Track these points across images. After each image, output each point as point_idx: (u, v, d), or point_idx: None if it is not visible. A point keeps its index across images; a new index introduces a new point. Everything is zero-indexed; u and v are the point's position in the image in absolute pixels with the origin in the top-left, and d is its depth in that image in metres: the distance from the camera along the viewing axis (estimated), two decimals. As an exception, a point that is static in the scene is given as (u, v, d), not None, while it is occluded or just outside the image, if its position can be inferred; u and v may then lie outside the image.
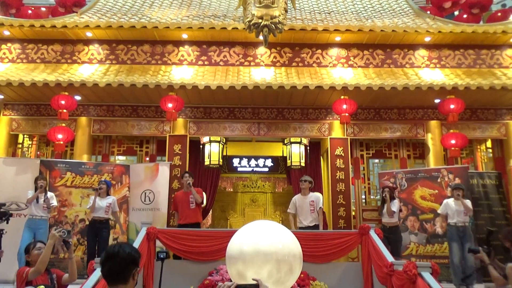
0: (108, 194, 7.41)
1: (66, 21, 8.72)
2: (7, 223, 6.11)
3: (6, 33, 8.82)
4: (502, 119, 9.06)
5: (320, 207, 7.44)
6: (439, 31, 8.74)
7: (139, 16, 9.29)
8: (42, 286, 3.69)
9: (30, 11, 11.35)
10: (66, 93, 7.95)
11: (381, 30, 8.69)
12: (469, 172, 8.45)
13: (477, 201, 8.20)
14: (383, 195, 7.48)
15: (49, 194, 7.19)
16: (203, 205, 8.01)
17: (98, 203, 7.19)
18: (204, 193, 8.17)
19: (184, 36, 8.96)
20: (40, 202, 7.01)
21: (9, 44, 9.05)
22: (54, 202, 7.26)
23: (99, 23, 8.64)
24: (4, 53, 9.00)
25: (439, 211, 7.40)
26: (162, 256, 5.55)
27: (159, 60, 9.06)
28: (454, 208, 7.05)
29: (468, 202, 7.08)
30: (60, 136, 8.06)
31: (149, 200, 8.30)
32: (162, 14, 9.49)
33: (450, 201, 7.16)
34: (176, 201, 7.71)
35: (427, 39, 8.98)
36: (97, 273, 4.59)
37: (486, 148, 9.68)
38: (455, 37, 8.93)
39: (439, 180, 8.21)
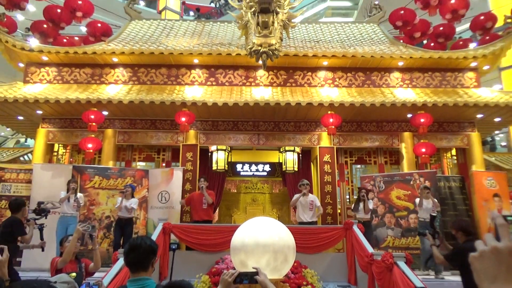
0: (132, 197, 7.37)
1: (95, 48, 8.74)
2: (46, 218, 6.10)
3: (45, 58, 8.83)
4: (464, 131, 9.04)
5: (318, 206, 7.45)
6: (411, 57, 8.76)
7: (157, 44, 9.32)
8: (74, 274, 3.65)
9: (65, 40, 11.36)
10: (95, 109, 7.95)
11: (362, 56, 8.70)
12: (437, 176, 8.42)
13: (444, 200, 8.16)
14: (361, 195, 7.48)
15: (79, 195, 7.16)
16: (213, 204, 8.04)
17: (123, 204, 7.18)
18: (214, 194, 8.18)
19: (195, 61, 8.96)
20: (71, 201, 6.98)
21: (47, 68, 9.06)
22: (82, 201, 7.25)
23: (124, 50, 8.66)
24: (43, 75, 9.00)
25: (417, 207, 7.30)
26: (174, 247, 5.49)
27: (174, 81, 9.05)
28: (424, 206, 7.04)
29: (435, 200, 7.10)
30: (90, 145, 8.04)
31: (165, 200, 8.26)
32: (176, 42, 9.52)
33: (423, 200, 7.15)
34: (191, 199, 7.72)
35: (401, 63, 8.99)
36: (120, 262, 4.56)
37: (451, 155, 9.64)
38: (424, 62, 8.94)
39: (411, 182, 8.17)
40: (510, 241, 0.80)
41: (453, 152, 9.54)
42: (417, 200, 7.25)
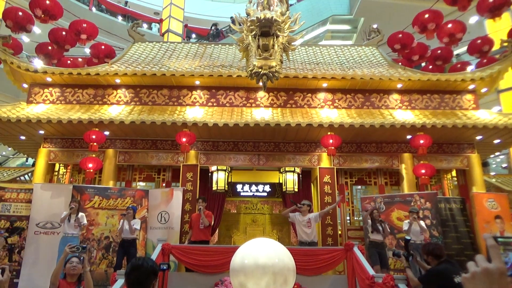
0: (134, 218, 7.34)
1: (98, 69, 8.87)
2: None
3: (49, 79, 8.95)
4: (464, 152, 9.06)
5: (317, 221, 7.46)
6: (409, 79, 8.86)
7: (159, 65, 9.45)
8: None
9: (69, 61, 11.57)
10: (97, 129, 8.00)
11: (361, 78, 8.81)
12: (438, 197, 8.40)
13: (445, 222, 8.11)
14: (375, 215, 7.41)
15: (80, 214, 7.12)
16: (211, 225, 8.02)
17: (125, 226, 7.14)
18: (212, 216, 8.16)
19: (197, 82, 9.06)
20: (71, 221, 6.96)
21: (50, 88, 9.16)
22: (84, 221, 7.17)
23: (126, 71, 8.78)
24: (46, 96, 9.10)
25: (404, 229, 7.29)
26: (164, 267, 5.35)
27: (176, 102, 9.13)
28: (412, 229, 7.08)
29: (423, 223, 7.15)
30: (90, 165, 8.06)
31: (165, 220, 8.22)
32: (178, 64, 9.65)
33: (413, 224, 7.16)
34: (191, 221, 7.74)
35: (399, 85, 9.09)
36: (119, 283, 4.52)
37: (452, 177, 9.63)
38: (423, 84, 9.04)
39: (412, 203, 8.15)
40: (501, 263, 0.82)
41: (453, 173, 9.53)
42: (405, 225, 7.23)
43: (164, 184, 9.38)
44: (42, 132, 8.61)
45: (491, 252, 0.85)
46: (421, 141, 8.03)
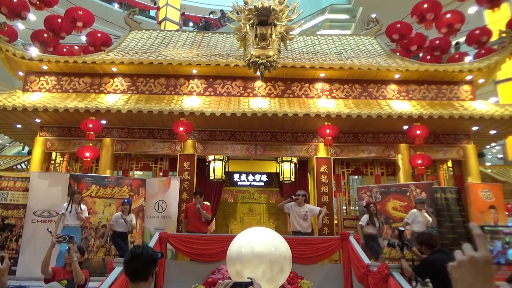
0: (129, 212, 7.31)
1: (95, 58, 8.79)
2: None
3: (44, 67, 8.87)
4: (460, 143, 9.11)
5: (315, 215, 7.41)
6: (407, 70, 8.84)
7: (157, 54, 9.38)
8: (65, 281, 3.65)
9: (65, 49, 11.45)
10: (94, 118, 7.98)
11: (359, 68, 8.78)
12: (433, 187, 8.46)
13: (440, 212, 8.19)
14: (371, 209, 7.30)
15: (83, 206, 7.08)
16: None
17: (120, 221, 7.13)
18: (210, 207, 8.21)
19: (194, 71, 9.01)
20: (72, 212, 6.91)
21: (46, 77, 9.08)
22: (86, 214, 7.14)
23: (123, 59, 8.71)
24: (42, 84, 9.03)
25: (407, 220, 7.28)
26: (159, 256, 5.32)
27: (173, 91, 9.09)
28: (419, 219, 7.09)
29: (426, 215, 7.18)
30: (87, 154, 8.05)
31: (162, 209, 8.25)
32: (175, 53, 9.58)
33: (416, 213, 7.17)
34: (188, 211, 7.71)
35: (397, 76, 9.08)
36: (116, 271, 4.55)
37: (448, 167, 9.69)
38: (420, 75, 9.03)
39: (408, 194, 8.21)
40: (487, 251, 0.84)
41: (449, 164, 9.59)
42: (410, 215, 7.20)
43: (161, 174, 9.38)
44: (38, 120, 8.57)
45: (477, 241, 0.87)
46: (418, 132, 8.06)
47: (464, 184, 8.86)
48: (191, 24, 23.97)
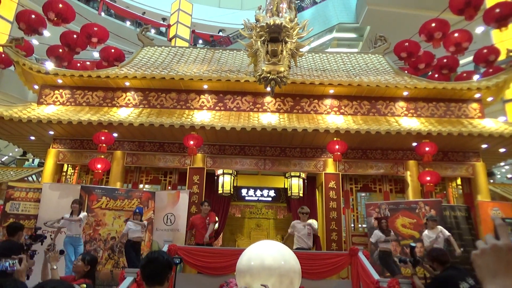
0: (141, 220, 7.39)
1: (109, 72, 9.00)
2: (42, 244, 5.97)
3: (59, 81, 9.09)
4: (469, 160, 9.10)
5: (316, 230, 7.50)
6: (415, 87, 8.93)
7: (168, 69, 9.57)
8: (84, 285, 3.67)
9: (78, 64, 11.73)
10: (106, 131, 8.12)
11: (367, 85, 8.89)
12: (443, 205, 8.41)
13: (450, 230, 8.08)
14: (384, 225, 7.33)
15: (82, 214, 7.10)
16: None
17: (133, 228, 7.18)
18: (216, 217, 8.24)
19: (205, 86, 9.17)
20: (74, 222, 6.97)
21: (60, 90, 9.30)
22: (85, 221, 7.18)
23: (136, 74, 8.90)
24: (56, 97, 9.24)
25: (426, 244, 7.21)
26: (177, 261, 5.31)
27: (184, 105, 9.24)
28: (432, 236, 7.03)
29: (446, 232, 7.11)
30: (99, 165, 8.17)
31: (171, 222, 8.29)
32: (187, 69, 9.77)
33: (427, 232, 7.13)
34: (193, 223, 7.79)
35: (405, 93, 9.16)
36: (127, 281, 4.59)
37: (457, 185, 9.65)
38: (429, 92, 9.10)
39: (417, 211, 8.18)
40: (508, 240, 0.91)
41: (458, 181, 9.55)
42: (426, 238, 7.15)
43: (169, 187, 9.45)
44: (52, 132, 8.74)
45: (499, 230, 0.94)
46: (427, 149, 8.08)
47: (473, 202, 8.80)
48: (200, 41, 24.41)
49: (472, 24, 9.52)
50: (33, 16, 8.85)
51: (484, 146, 8.74)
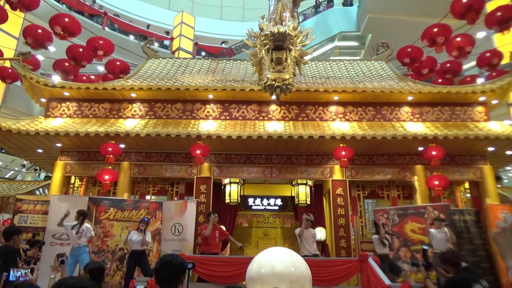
0: (145, 230, 7.37)
1: (115, 84, 9.08)
2: (40, 250, 5.95)
3: (66, 94, 9.18)
4: (477, 164, 9.06)
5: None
6: (420, 92, 8.94)
7: (174, 80, 9.65)
8: None
9: (84, 78, 11.87)
10: (113, 142, 8.17)
11: (372, 91, 8.92)
12: (451, 209, 8.36)
13: (460, 234, 8.05)
14: (388, 230, 7.41)
15: (85, 226, 7.08)
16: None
17: (135, 237, 7.18)
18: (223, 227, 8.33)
19: (210, 96, 9.22)
20: (74, 231, 6.96)
21: (67, 103, 9.38)
22: (91, 233, 7.11)
23: (141, 86, 8.97)
24: (63, 110, 9.32)
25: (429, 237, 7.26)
26: (190, 266, 5.23)
27: (189, 115, 9.28)
28: (438, 237, 7.00)
29: (447, 230, 7.11)
30: (107, 176, 8.20)
31: (178, 232, 8.27)
32: (192, 79, 9.85)
33: (436, 232, 7.11)
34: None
35: (410, 98, 9.17)
36: (138, 290, 4.56)
37: (465, 189, 9.59)
38: (433, 97, 9.11)
39: (425, 215, 8.11)
40: None
41: (466, 185, 9.49)
42: (429, 233, 7.21)
43: (176, 198, 9.44)
44: (59, 145, 8.80)
45: None
46: (434, 153, 8.06)
47: (482, 206, 8.73)
48: (203, 53, 24.63)
49: (474, 29, 9.56)
50: (39, 30, 8.97)
51: (491, 149, 8.70)
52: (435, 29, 9.10)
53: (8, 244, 4.91)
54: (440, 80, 11.14)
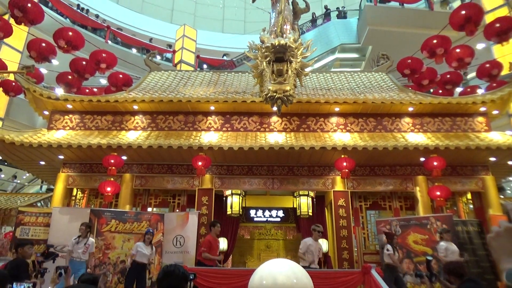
0: (151, 243, 7.37)
1: (117, 96, 9.16)
2: (54, 262, 6.00)
3: (69, 106, 9.26)
4: (479, 174, 9.04)
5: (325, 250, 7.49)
6: (420, 103, 8.98)
7: (176, 92, 9.73)
8: None
9: (87, 90, 11.96)
10: (115, 154, 8.20)
11: (372, 102, 8.96)
12: (454, 220, 8.32)
13: (463, 245, 7.99)
14: (394, 241, 7.36)
15: (90, 240, 7.08)
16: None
17: (144, 250, 7.16)
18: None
19: (212, 108, 9.29)
20: (80, 245, 6.94)
21: (70, 115, 9.46)
22: (92, 249, 7.12)
23: (144, 98, 9.06)
24: (66, 122, 9.39)
25: (442, 255, 7.13)
26: (192, 277, 5.21)
27: (191, 127, 9.33)
28: (451, 249, 6.95)
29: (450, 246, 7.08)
30: (109, 188, 8.21)
31: (180, 244, 8.23)
32: (193, 91, 9.93)
33: (448, 244, 7.06)
34: (211, 244, 7.64)
35: (410, 109, 9.21)
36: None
37: (467, 200, 9.55)
38: (434, 107, 9.15)
39: (428, 226, 8.08)
40: None
41: (469, 196, 9.46)
42: (441, 249, 7.09)
43: (178, 210, 9.42)
44: (61, 157, 8.83)
45: (511, 214, 1.00)
46: (435, 163, 8.06)
47: (485, 217, 8.69)
48: (205, 66, 24.84)
49: (473, 40, 9.63)
50: (43, 44, 9.08)
51: (492, 159, 8.70)
52: (435, 41, 9.17)
53: (18, 257, 5.12)
54: (440, 91, 11.18)
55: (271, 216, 11.12)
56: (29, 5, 8.05)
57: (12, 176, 14.01)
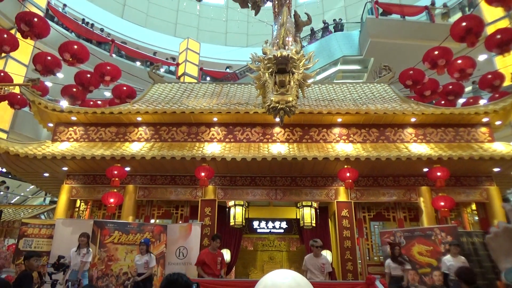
0: (147, 252, 7.35)
1: (121, 108, 9.24)
2: (64, 273, 6.08)
3: (73, 118, 9.33)
4: (483, 185, 8.98)
5: (328, 269, 7.27)
6: (423, 113, 8.99)
7: (179, 104, 9.80)
8: None
9: (91, 103, 12.09)
10: (119, 165, 8.24)
11: (375, 113, 8.97)
12: (459, 231, 8.24)
13: (468, 257, 7.87)
14: (396, 251, 7.32)
15: (90, 250, 7.11)
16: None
17: (141, 260, 7.15)
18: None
19: (215, 119, 9.33)
20: (79, 256, 6.96)
21: (74, 127, 9.53)
22: (89, 259, 7.12)
23: (148, 109, 9.13)
24: (70, 134, 9.45)
25: (443, 270, 7.08)
26: (194, 287, 5.15)
27: (194, 138, 9.37)
28: (455, 265, 6.82)
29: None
30: (112, 200, 8.22)
31: (183, 256, 8.19)
32: (197, 103, 10.00)
33: (449, 258, 6.97)
34: (204, 260, 7.51)
35: (413, 119, 9.22)
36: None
37: (472, 211, 9.48)
38: (436, 118, 9.15)
39: (433, 237, 8.01)
40: None
41: (473, 207, 9.39)
42: (446, 263, 7.01)
43: (180, 221, 9.39)
44: (65, 168, 8.87)
45: (509, 215, 1.01)
46: (438, 174, 8.04)
47: (490, 227, 8.59)
48: (208, 78, 25.03)
49: (475, 52, 9.71)
50: (49, 57, 9.22)
51: (496, 169, 8.66)
52: (436, 52, 9.25)
53: (25, 270, 5.21)
54: (443, 102, 11.21)
55: (274, 227, 11.07)
56: (35, 19, 8.22)
57: (5, 187, 13.99)
